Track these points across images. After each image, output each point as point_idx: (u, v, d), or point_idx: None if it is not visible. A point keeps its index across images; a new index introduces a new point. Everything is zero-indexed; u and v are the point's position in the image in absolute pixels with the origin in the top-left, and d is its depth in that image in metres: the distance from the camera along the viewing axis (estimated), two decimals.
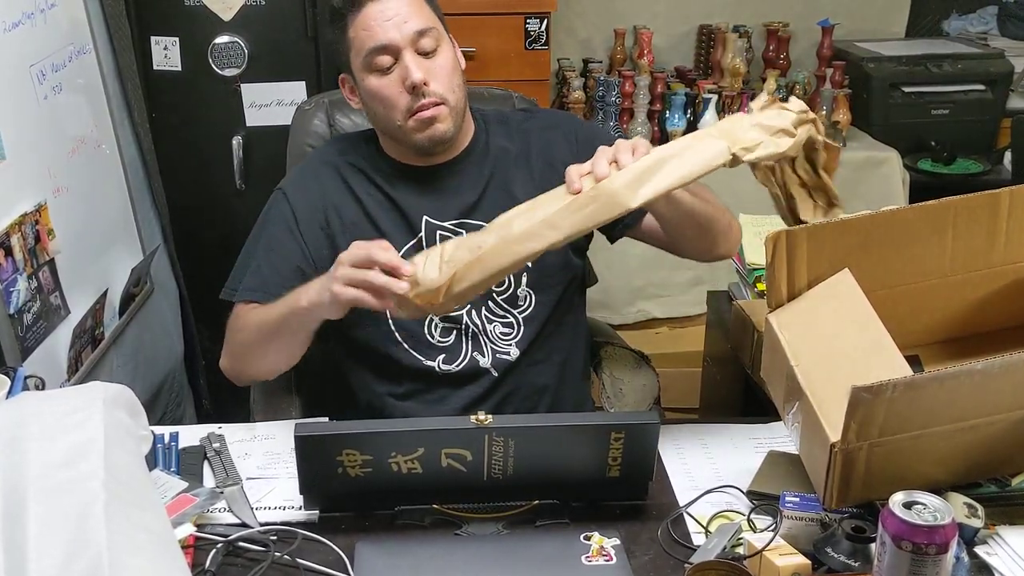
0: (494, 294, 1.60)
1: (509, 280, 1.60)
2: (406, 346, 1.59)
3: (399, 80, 1.52)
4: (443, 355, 1.60)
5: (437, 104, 1.53)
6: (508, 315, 1.61)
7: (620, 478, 1.32)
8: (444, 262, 1.33)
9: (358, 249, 1.37)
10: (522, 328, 1.62)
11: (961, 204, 1.41)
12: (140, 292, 2.35)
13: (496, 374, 1.61)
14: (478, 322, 1.60)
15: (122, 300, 2.24)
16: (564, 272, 1.65)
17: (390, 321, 1.60)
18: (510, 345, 1.61)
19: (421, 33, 1.52)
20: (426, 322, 1.59)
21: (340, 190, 1.63)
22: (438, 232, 1.60)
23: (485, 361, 1.60)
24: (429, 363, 1.60)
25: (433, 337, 1.59)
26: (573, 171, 1.33)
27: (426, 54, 1.53)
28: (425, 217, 1.60)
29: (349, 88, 1.63)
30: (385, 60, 1.52)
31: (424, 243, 1.59)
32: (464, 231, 1.57)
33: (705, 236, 1.58)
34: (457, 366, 1.60)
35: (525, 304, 1.62)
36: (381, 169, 1.64)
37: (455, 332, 1.60)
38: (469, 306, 1.59)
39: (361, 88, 1.58)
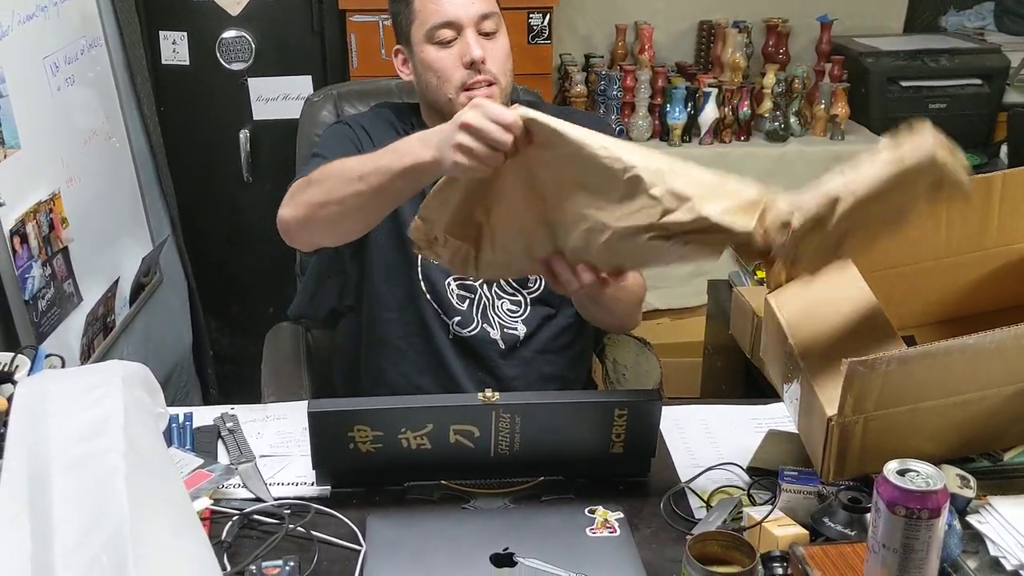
0: None
1: None
2: (428, 296, 1.64)
3: (458, 55, 1.58)
4: (459, 317, 1.65)
5: (490, 84, 1.58)
6: (517, 294, 1.67)
7: (623, 454, 1.35)
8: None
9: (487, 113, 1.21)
10: (528, 308, 1.67)
11: None
12: (150, 282, 2.39)
13: (504, 346, 1.66)
14: (490, 296, 1.66)
15: (132, 289, 2.28)
16: None
17: (419, 270, 1.64)
18: (516, 321, 1.67)
19: (485, 16, 1.58)
20: (445, 283, 1.64)
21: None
22: None
23: (494, 333, 1.66)
24: (446, 319, 1.65)
25: (452, 296, 1.65)
26: None
27: (486, 35, 1.59)
28: None
29: (402, 60, 1.68)
30: (447, 34, 1.58)
31: None
32: None
33: (607, 317, 1.68)
34: (471, 332, 1.65)
35: (534, 286, 1.68)
36: None
37: (468, 301, 1.65)
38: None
39: (417, 59, 1.62)
